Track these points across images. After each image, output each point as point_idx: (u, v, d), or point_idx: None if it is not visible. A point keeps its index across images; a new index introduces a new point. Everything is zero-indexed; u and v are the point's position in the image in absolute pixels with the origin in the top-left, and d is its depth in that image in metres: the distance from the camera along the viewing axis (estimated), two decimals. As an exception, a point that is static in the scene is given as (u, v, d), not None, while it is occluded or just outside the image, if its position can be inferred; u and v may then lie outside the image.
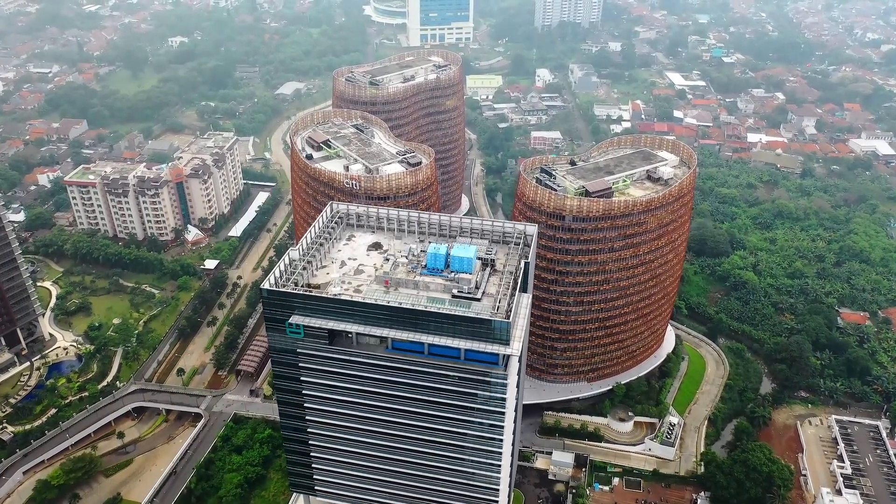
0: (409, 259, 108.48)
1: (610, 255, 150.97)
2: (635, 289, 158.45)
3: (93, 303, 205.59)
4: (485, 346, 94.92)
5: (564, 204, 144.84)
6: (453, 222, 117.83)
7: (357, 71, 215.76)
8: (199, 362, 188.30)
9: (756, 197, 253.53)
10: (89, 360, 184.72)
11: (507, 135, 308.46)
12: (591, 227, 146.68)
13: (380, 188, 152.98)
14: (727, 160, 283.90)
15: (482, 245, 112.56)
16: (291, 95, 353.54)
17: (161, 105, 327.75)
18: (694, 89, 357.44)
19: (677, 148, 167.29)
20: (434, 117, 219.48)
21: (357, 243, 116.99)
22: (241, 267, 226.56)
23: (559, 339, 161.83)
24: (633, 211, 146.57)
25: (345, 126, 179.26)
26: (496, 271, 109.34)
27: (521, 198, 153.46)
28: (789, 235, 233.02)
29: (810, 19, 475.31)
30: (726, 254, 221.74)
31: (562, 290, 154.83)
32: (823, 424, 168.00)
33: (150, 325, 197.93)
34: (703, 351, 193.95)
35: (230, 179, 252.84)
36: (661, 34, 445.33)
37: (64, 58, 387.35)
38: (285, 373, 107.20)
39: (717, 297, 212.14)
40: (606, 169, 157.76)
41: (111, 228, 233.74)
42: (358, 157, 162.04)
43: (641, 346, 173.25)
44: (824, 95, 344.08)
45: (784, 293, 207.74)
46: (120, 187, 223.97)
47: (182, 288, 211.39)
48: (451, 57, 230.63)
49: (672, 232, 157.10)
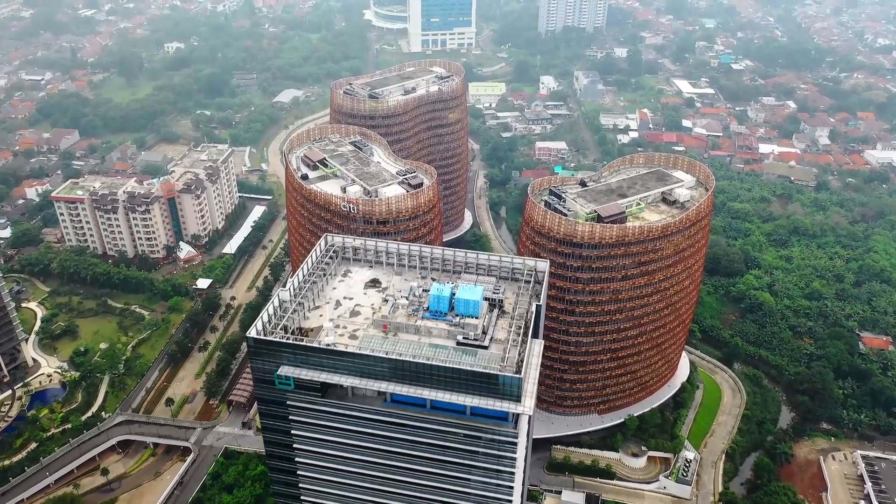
0: (410, 300, 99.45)
1: (623, 283, 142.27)
2: (650, 318, 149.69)
3: (79, 325, 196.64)
4: (493, 403, 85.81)
5: (575, 230, 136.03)
6: (458, 257, 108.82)
7: (356, 83, 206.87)
8: (190, 390, 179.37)
9: (770, 212, 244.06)
10: (74, 388, 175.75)
11: (510, 145, 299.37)
12: (604, 255, 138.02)
13: (379, 212, 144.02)
14: (739, 172, 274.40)
15: (489, 283, 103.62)
16: (289, 103, 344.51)
17: (155, 114, 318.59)
18: (702, 97, 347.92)
19: (693, 167, 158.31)
20: (436, 131, 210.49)
21: (354, 280, 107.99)
22: (235, 286, 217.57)
23: (569, 371, 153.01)
24: (648, 237, 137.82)
25: (342, 143, 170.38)
26: (505, 313, 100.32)
27: (528, 222, 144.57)
28: (806, 253, 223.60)
29: (819, 24, 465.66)
30: (740, 273, 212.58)
31: (572, 321, 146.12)
32: (848, 460, 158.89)
33: (138, 350, 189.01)
34: (718, 378, 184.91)
35: (224, 193, 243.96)
36: (667, 39, 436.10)
37: (57, 64, 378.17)
38: (274, 425, 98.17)
39: (731, 319, 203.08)
40: (619, 191, 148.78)
41: (100, 246, 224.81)
42: (356, 178, 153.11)
43: (655, 376, 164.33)
44: (837, 104, 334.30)
45: (802, 316, 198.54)
46: (109, 203, 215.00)
47: (173, 309, 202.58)
48: (454, 67, 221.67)
49: (688, 258, 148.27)
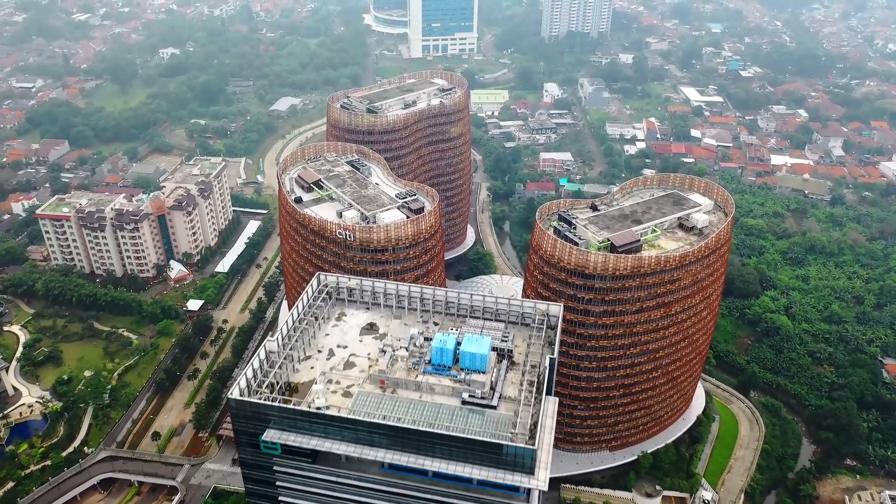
0: (410, 351, 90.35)
1: (638, 315, 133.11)
2: (665, 351, 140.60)
3: (63, 351, 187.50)
4: (503, 476, 76.64)
5: (587, 261, 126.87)
6: (462, 300, 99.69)
7: (353, 96, 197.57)
8: (178, 421, 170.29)
9: (784, 228, 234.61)
10: (56, 420, 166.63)
11: (514, 156, 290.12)
12: (618, 286, 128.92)
13: (377, 240, 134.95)
14: (750, 185, 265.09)
15: (497, 330, 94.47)
16: (287, 112, 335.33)
17: (148, 123, 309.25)
18: (711, 105, 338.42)
19: (710, 190, 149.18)
20: (437, 146, 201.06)
21: (348, 324, 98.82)
22: (228, 307, 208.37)
23: (579, 407, 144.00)
24: (665, 267, 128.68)
25: (338, 163, 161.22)
26: (515, 364, 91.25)
27: (536, 250, 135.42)
28: (823, 273, 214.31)
29: (828, 29, 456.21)
30: (756, 294, 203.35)
31: (583, 355, 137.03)
32: (875, 500, 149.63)
33: (124, 378, 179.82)
34: (734, 408, 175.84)
35: (218, 209, 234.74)
36: (673, 45, 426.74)
37: (49, 71, 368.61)
38: (259, 490, 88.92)
39: (746, 344, 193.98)
40: (633, 216, 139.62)
41: (88, 265, 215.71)
42: (352, 202, 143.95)
43: (669, 410, 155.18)
44: (849, 113, 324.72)
45: (821, 340, 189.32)
46: (96, 221, 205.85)
47: (162, 333, 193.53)
48: (456, 79, 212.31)
49: (707, 287, 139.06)
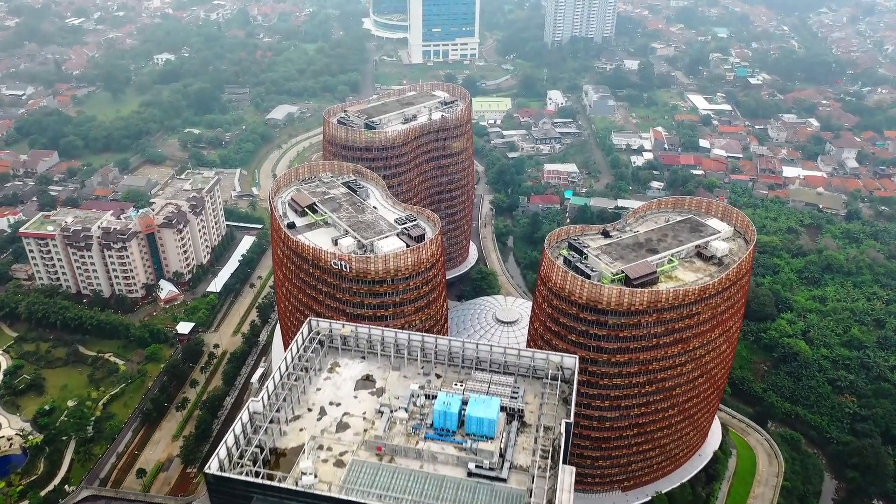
0: (410, 412, 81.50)
1: (654, 352, 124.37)
2: (682, 388, 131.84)
3: (46, 378, 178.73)
4: (515, 566, 67.92)
5: (601, 295, 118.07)
6: (467, 350, 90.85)
7: (351, 110, 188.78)
8: (166, 455, 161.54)
9: (800, 245, 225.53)
10: (36, 455, 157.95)
11: (517, 167, 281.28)
12: (633, 322, 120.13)
13: (374, 270, 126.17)
14: (762, 199, 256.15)
15: (506, 385, 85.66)
16: (283, 120, 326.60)
17: (140, 133, 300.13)
18: (719, 114, 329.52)
19: (729, 214, 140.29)
20: (438, 162, 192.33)
21: (342, 377, 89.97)
22: (220, 330, 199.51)
23: (591, 448, 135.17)
24: (683, 302, 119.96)
25: (334, 184, 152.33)
26: (526, 426, 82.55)
27: (545, 282, 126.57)
28: (841, 293, 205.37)
29: (837, 34, 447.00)
30: (771, 317, 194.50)
31: (595, 394, 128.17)
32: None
33: (109, 408, 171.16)
34: (751, 440, 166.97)
35: (210, 225, 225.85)
36: (679, 50, 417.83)
37: (40, 78, 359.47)
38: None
39: (763, 370, 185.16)
40: (648, 245, 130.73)
41: (74, 284, 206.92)
42: (349, 228, 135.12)
43: (685, 447, 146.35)
44: (862, 122, 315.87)
45: (842, 367, 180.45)
46: (82, 240, 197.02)
47: (151, 358, 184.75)
48: (459, 92, 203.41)
49: (727, 320, 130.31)
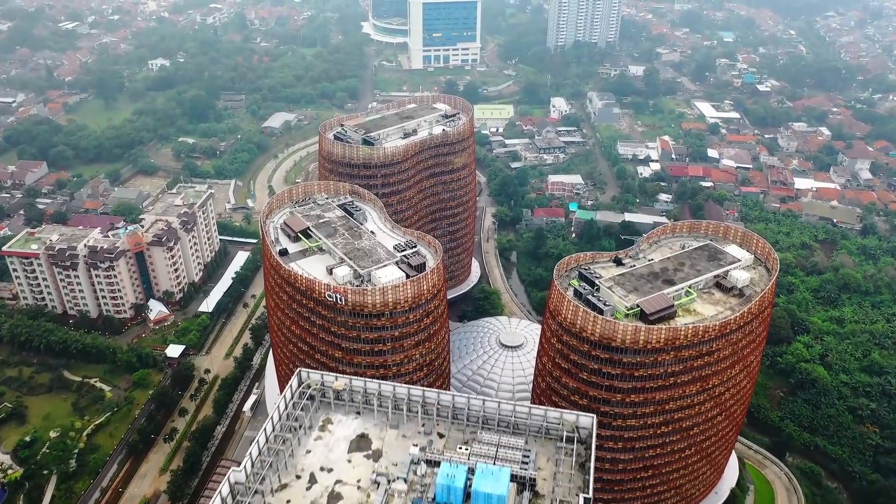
0: (410, 482, 73.20)
1: (671, 391, 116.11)
2: (700, 427, 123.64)
3: (29, 406, 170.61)
4: None
5: (615, 332, 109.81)
6: (472, 407, 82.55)
7: (348, 124, 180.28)
8: (152, 490, 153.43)
9: (814, 262, 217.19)
10: (15, 491, 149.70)
11: (520, 177, 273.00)
12: (649, 361, 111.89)
13: (371, 304, 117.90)
14: (774, 213, 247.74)
15: (516, 448, 77.34)
16: (280, 128, 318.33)
17: (133, 143, 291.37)
18: (727, 122, 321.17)
19: (749, 240, 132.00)
20: (440, 178, 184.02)
21: (335, 436, 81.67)
22: (212, 353, 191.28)
23: (603, 490, 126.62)
24: (703, 339, 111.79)
25: (330, 206, 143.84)
26: (538, 497, 74.16)
27: (554, 315, 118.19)
28: (860, 315, 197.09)
29: (845, 38, 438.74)
30: (787, 340, 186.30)
31: (608, 435, 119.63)
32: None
33: (94, 439, 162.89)
34: (769, 473, 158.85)
35: (203, 241, 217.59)
36: (684, 56, 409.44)
37: (31, 84, 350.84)
38: None
39: (779, 396, 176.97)
40: (664, 275, 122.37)
41: (60, 305, 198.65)
42: (344, 256, 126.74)
43: (701, 486, 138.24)
44: (874, 130, 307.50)
45: (862, 394, 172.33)
46: (68, 259, 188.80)
47: (138, 384, 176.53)
48: (461, 104, 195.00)
49: (748, 355, 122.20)
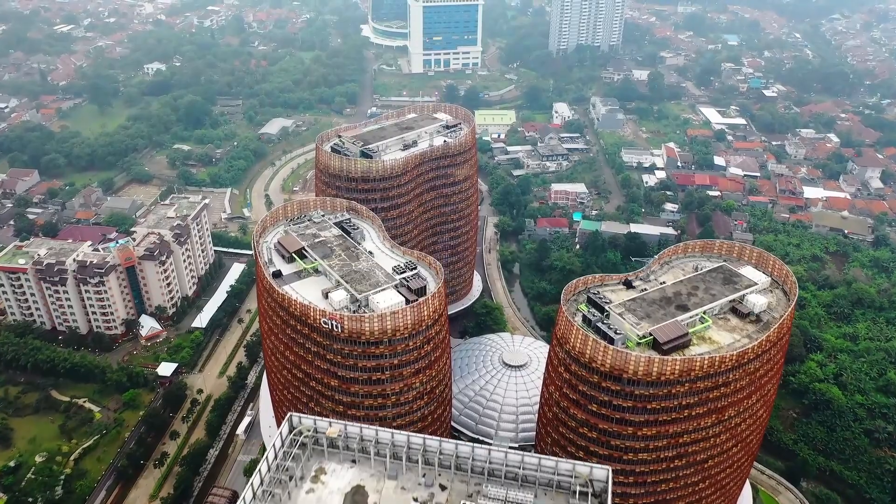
0: (409, 544, 67.17)
1: (685, 424, 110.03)
2: (715, 460, 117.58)
3: (14, 428, 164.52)
4: None
5: (626, 363, 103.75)
6: (477, 456, 76.45)
7: (345, 135, 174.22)
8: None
9: (826, 276, 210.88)
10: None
11: (523, 186, 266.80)
12: (663, 393, 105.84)
13: (369, 331, 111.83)
14: (783, 223, 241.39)
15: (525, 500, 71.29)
16: (278, 135, 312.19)
17: (127, 150, 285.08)
18: (734, 129, 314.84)
19: (765, 261, 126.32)
20: (441, 191, 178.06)
21: (328, 488, 75.61)
22: (205, 371, 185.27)
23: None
24: (719, 369, 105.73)
25: (326, 224, 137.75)
26: (549, 559, 68.03)
27: (562, 344, 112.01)
28: (874, 331, 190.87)
29: (851, 41, 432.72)
30: (800, 358, 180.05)
31: (619, 469, 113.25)
32: None
33: (82, 464, 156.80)
34: (783, 500, 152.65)
35: (197, 253, 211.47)
36: (689, 59, 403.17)
37: (25, 89, 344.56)
38: None
39: (792, 417, 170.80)
40: (677, 300, 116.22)
41: (49, 321, 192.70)
42: (341, 279, 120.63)
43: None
44: (883, 137, 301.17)
45: (878, 416, 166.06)
46: (56, 275, 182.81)
47: (128, 405, 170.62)
48: (462, 114, 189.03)
49: (765, 384, 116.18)
